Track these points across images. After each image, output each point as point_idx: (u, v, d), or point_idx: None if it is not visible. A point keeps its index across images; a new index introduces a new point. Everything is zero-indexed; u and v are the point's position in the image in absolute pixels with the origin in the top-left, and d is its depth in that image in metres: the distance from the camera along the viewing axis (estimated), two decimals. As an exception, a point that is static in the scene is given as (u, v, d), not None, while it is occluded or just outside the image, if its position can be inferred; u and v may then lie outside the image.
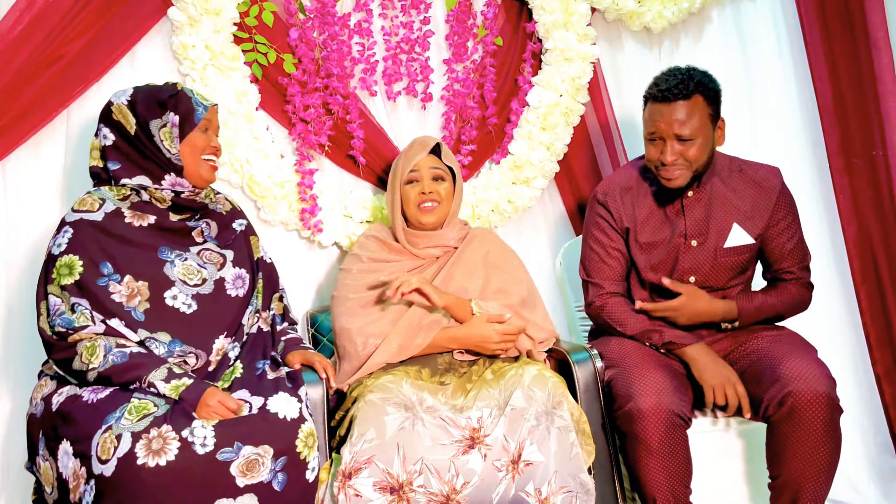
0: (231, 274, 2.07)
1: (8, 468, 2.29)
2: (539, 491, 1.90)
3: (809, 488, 1.98)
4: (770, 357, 2.08)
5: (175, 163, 1.99)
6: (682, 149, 2.13)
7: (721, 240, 2.23)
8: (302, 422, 1.83)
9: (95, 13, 2.30)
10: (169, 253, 1.99)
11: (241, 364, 1.99)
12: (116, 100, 2.02)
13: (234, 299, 2.05)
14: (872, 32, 2.87)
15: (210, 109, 2.06)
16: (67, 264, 1.89)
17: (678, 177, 2.16)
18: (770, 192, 2.25)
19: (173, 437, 1.70)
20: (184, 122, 2.00)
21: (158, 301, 1.93)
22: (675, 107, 2.11)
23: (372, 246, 2.37)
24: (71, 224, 1.93)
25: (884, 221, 2.89)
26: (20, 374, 2.30)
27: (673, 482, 2.00)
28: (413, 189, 2.34)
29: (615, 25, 2.91)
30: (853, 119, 2.91)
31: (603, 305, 2.28)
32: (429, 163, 2.35)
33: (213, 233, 2.11)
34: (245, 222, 2.21)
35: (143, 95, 2.01)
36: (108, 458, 1.67)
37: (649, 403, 1.98)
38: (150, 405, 1.76)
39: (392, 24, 2.65)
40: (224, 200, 2.21)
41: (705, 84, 2.14)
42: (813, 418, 1.94)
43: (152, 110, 1.98)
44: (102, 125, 2.03)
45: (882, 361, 2.90)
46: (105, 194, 2.00)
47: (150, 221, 2.00)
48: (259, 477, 1.74)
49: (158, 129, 1.98)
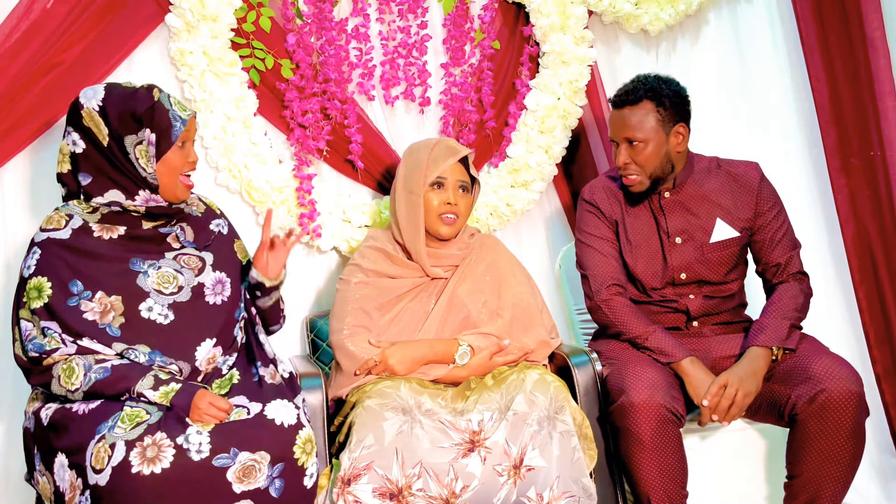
0: (211, 279, 2.00)
1: (7, 480, 2.29)
2: (541, 496, 1.90)
3: (829, 489, 2.00)
4: (798, 356, 2.11)
5: (151, 182, 1.91)
6: (632, 153, 2.24)
7: (706, 236, 2.28)
8: (300, 428, 1.82)
9: (92, 20, 2.30)
10: (141, 264, 1.93)
11: (237, 371, 1.97)
12: (87, 103, 1.90)
13: (214, 307, 1.99)
14: (869, 32, 2.87)
15: (188, 122, 1.95)
16: (36, 287, 1.84)
17: (635, 181, 2.27)
18: (750, 186, 2.30)
19: (168, 444, 1.69)
20: (160, 139, 1.90)
21: (134, 315, 1.88)
22: (623, 112, 2.24)
23: (374, 257, 2.31)
24: (39, 244, 1.88)
25: (882, 221, 2.89)
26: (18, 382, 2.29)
27: (667, 481, 2.01)
28: (437, 196, 2.26)
29: (612, 28, 2.91)
30: (850, 119, 2.91)
31: (607, 300, 2.27)
32: (457, 172, 2.28)
33: (189, 237, 2.04)
34: (225, 223, 2.14)
35: (116, 103, 1.89)
36: (103, 468, 1.66)
37: (641, 397, 1.99)
38: (142, 413, 1.75)
39: (389, 28, 2.65)
40: (198, 202, 2.12)
41: (657, 90, 2.22)
42: (843, 417, 1.96)
43: (127, 124, 1.88)
44: (71, 129, 1.91)
45: (881, 361, 2.90)
46: (72, 209, 1.93)
47: (121, 233, 1.93)
48: (256, 483, 1.73)
49: (133, 147, 1.89)
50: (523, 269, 2.38)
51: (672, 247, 2.29)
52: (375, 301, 2.24)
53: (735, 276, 2.33)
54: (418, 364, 2.12)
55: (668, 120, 2.24)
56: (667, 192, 2.31)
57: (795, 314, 2.20)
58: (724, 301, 2.32)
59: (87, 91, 1.93)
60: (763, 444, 2.28)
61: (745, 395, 2.06)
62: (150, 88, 1.94)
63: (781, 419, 2.08)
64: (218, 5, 2.38)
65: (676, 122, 2.25)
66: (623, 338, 2.24)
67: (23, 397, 2.26)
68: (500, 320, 2.22)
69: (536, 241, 2.90)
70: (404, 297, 2.28)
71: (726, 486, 2.26)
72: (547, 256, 2.89)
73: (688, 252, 2.29)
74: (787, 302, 2.21)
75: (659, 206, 2.32)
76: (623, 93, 2.26)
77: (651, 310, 2.31)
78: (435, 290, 2.29)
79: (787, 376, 2.09)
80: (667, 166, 2.26)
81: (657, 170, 2.25)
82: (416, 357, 2.13)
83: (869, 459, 2.85)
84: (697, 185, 2.32)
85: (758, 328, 2.19)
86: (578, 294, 2.59)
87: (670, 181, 2.31)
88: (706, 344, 2.27)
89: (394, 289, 2.27)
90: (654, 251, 2.31)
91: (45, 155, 2.35)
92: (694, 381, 2.11)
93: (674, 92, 2.25)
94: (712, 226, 2.28)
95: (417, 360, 2.13)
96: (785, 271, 2.28)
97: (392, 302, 2.26)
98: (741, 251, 2.32)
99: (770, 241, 2.29)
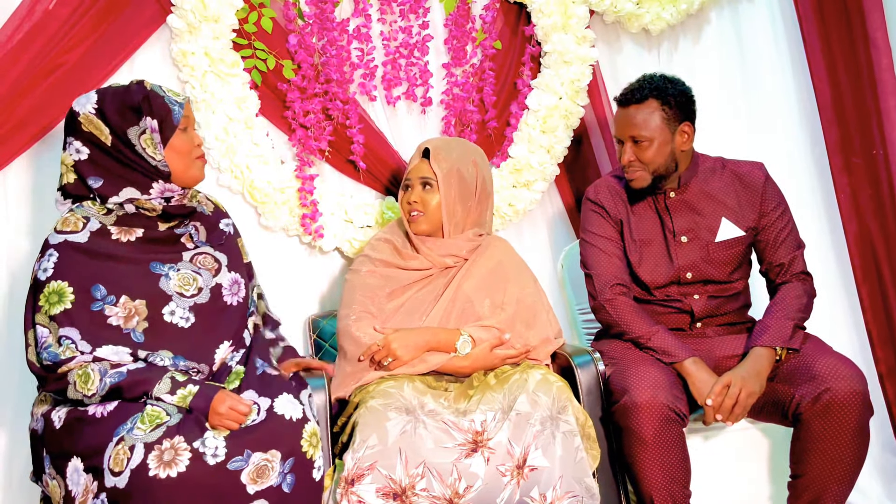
0: (227, 279, 2.00)
1: (10, 478, 2.30)
2: (544, 496, 1.90)
3: (833, 488, 2.00)
4: (802, 356, 2.11)
5: (162, 169, 1.89)
6: (637, 151, 2.25)
7: (712, 235, 2.29)
8: (305, 422, 1.83)
9: (94, 21, 2.30)
10: (161, 266, 1.92)
11: (241, 366, 1.96)
12: (82, 109, 1.88)
13: (231, 307, 1.99)
14: (871, 31, 2.86)
15: (185, 105, 1.93)
16: (57, 291, 1.80)
17: (637, 178, 2.27)
18: (755, 186, 2.31)
19: (185, 448, 1.69)
20: (163, 125, 1.88)
21: (157, 318, 1.87)
22: (629, 111, 2.25)
23: (382, 248, 2.35)
24: (55, 247, 1.84)
25: (884, 220, 2.89)
26: (20, 383, 2.30)
27: (670, 481, 2.00)
28: (405, 197, 2.34)
29: (614, 28, 2.91)
30: (852, 118, 2.91)
31: (611, 300, 2.27)
32: (419, 170, 2.33)
33: (203, 236, 2.03)
34: (231, 222, 2.12)
35: (110, 101, 1.88)
36: (122, 470, 1.66)
37: (644, 397, 1.99)
38: (162, 414, 1.75)
39: (391, 28, 2.65)
40: (206, 200, 2.10)
41: (662, 89, 2.24)
42: (847, 416, 1.96)
43: (126, 117, 1.86)
44: (71, 138, 1.89)
45: (884, 360, 2.90)
46: (88, 211, 1.90)
47: (139, 235, 1.92)
48: (269, 482, 1.74)
49: (138, 137, 1.87)
50: (530, 272, 2.38)
51: (678, 246, 2.30)
52: (383, 289, 2.27)
53: (739, 276, 2.33)
54: (420, 350, 2.13)
55: (674, 119, 2.24)
56: (672, 192, 2.32)
57: (799, 314, 2.20)
58: (728, 301, 2.32)
59: (80, 99, 1.91)
60: (766, 444, 2.28)
61: (748, 394, 2.05)
62: (140, 82, 1.93)
63: (785, 419, 2.08)
64: (219, 6, 2.38)
65: (681, 120, 2.26)
66: (626, 338, 2.24)
67: (26, 398, 2.26)
68: (503, 314, 2.23)
69: (539, 241, 2.90)
70: (412, 286, 2.30)
71: (729, 486, 2.26)
72: (549, 256, 2.89)
73: (693, 251, 2.29)
74: (791, 302, 2.21)
75: (665, 206, 2.32)
76: (629, 91, 2.27)
77: (655, 310, 2.31)
78: (442, 282, 2.30)
79: (790, 376, 2.09)
80: (671, 165, 2.27)
81: (661, 168, 2.26)
82: (419, 343, 2.13)
83: (872, 458, 2.84)
84: (703, 185, 2.32)
85: (761, 328, 2.18)
86: (581, 294, 2.59)
87: (675, 180, 2.31)
88: (709, 344, 2.27)
89: (401, 278, 2.29)
90: (659, 250, 2.31)
91: (48, 157, 2.35)
92: (697, 381, 2.11)
93: (679, 91, 2.26)
94: (718, 225, 2.29)
95: (420, 347, 2.13)
96: (789, 271, 2.28)
97: (399, 291, 2.29)
98: (746, 251, 2.32)
99: (774, 241, 2.29)
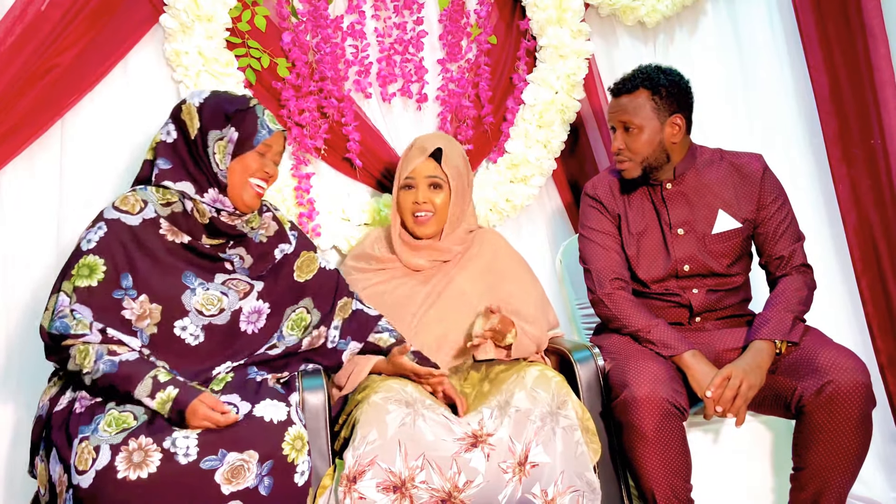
0: (249, 307, 2.00)
1: (13, 476, 2.30)
2: (545, 492, 1.89)
3: (836, 480, 2.00)
4: (804, 348, 2.10)
5: (220, 179, 1.94)
6: (627, 138, 2.26)
7: (708, 227, 2.28)
8: (289, 424, 1.79)
9: (87, 23, 2.29)
10: (193, 279, 1.93)
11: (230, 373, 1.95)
12: (190, 99, 1.98)
13: (245, 335, 1.98)
14: (868, 21, 2.85)
15: (274, 135, 1.97)
16: (90, 265, 1.84)
17: (627, 168, 2.28)
18: (752, 178, 2.30)
19: (154, 448, 1.68)
20: (242, 140, 1.93)
21: (167, 329, 1.88)
22: (620, 100, 2.28)
23: (366, 250, 2.37)
24: (107, 221, 1.88)
25: (883, 210, 2.87)
26: (23, 381, 2.30)
27: (671, 475, 2.00)
28: (408, 196, 2.30)
29: (609, 21, 2.91)
30: (850, 108, 2.89)
31: (610, 294, 2.27)
32: (426, 169, 2.30)
33: (247, 265, 2.04)
34: (289, 248, 2.10)
35: (213, 102, 1.96)
36: (86, 470, 1.65)
37: (644, 391, 1.99)
38: (129, 418, 1.74)
39: (385, 25, 2.64)
40: (271, 221, 2.11)
41: (654, 79, 2.25)
42: (850, 408, 1.96)
43: (216, 120, 1.94)
44: (170, 121, 1.99)
45: (885, 351, 2.89)
46: (149, 196, 1.94)
47: (184, 241, 1.94)
48: (245, 483, 1.70)
49: (214, 141, 1.93)
50: (525, 264, 2.39)
51: (674, 238, 2.29)
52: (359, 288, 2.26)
53: (739, 270, 2.31)
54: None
55: (664, 109, 2.24)
56: (668, 184, 2.31)
57: (799, 307, 2.19)
58: (727, 295, 2.30)
59: (195, 91, 2.03)
60: (768, 436, 2.27)
61: (749, 387, 2.04)
62: (249, 98, 2.01)
63: (788, 411, 2.07)
64: (212, 5, 2.37)
65: (673, 112, 2.25)
66: (625, 331, 2.24)
67: (29, 397, 2.27)
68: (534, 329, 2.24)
69: (537, 236, 2.89)
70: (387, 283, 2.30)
71: (731, 479, 2.25)
72: (548, 251, 2.88)
73: (690, 244, 2.28)
74: (791, 295, 2.20)
75: (661, 198, 2.31)
76: (621, 81, 2.29)
77: (654, 304, 2.30)
78: (429, 280, 2.30)
79: (792, 368, 2.08)
80: (661, 156, 2.26)
81: (650, 159, 2.25)
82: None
83: (874, 449, 2.82)
84: (699, 177, 2.31)
85: (761, 321, 2.17)
86: (579, 289, 2.58)
87: (670, 172, 2.30)
88: (709, 338, 2.26)
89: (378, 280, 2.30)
90: (656, 243, 2.31)
91: (43, 158, 2.34)
92: (696, 373, 2.10)
93: (671, 82, 2.25)
94: (714, 217, 2.28)
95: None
96: (788, 264, 2.27)
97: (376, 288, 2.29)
98: (744, 243, 2.31)
99: (773, 234, 2.28)
